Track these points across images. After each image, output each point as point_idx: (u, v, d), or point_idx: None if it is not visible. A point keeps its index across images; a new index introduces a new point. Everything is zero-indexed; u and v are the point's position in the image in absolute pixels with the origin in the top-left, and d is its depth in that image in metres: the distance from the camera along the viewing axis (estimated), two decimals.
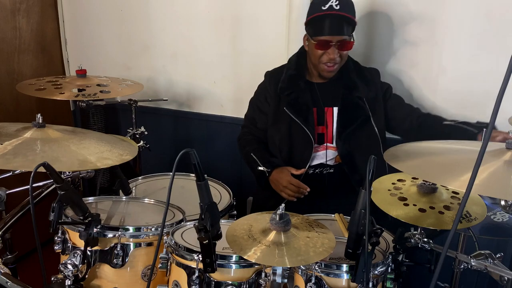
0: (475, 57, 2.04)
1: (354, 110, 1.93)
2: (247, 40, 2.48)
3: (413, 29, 2.13)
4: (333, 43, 1.82)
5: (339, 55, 1.85)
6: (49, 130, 1.42)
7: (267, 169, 1.91)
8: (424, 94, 2.18)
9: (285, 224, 1.23)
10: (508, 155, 1.12)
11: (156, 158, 2.63)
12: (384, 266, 1.28)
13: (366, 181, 1.11)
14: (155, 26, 2.69)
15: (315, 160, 1.97)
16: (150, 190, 1.90)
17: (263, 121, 2.05)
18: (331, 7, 1.79)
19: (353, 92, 1.93)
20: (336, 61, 1.85)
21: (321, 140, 1.95)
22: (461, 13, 2.01)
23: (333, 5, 1.78)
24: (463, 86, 2.09)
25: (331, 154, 1.96)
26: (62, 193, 1.26)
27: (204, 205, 1.15)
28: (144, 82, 2.44)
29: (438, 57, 2.11)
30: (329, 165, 1.97)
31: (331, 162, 1.97)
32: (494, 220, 1.56)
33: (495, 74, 1.94)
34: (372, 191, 1.23)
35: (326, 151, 1.95)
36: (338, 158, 1.97)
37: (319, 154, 1.96)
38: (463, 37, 2.04)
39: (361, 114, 1.92)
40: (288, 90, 1.95)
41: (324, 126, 1.95)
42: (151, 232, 1.43)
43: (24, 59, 2.70)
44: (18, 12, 2.63)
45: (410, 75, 2.19)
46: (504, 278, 1.20)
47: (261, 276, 1.28)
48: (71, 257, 1.38)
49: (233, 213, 1.81)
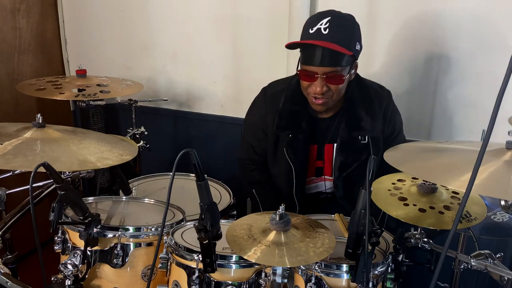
0: (474, 57, 2.04)
1: (355, 150, 1.74)
2: (247, 40, 2.48)
3: (413, 29, 2.13)
4: (318, 75, 1.55)
5: (328, 89, 1.57)
6: (49, 130, 1.42)
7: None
8: (424, 95, 2.18)
9: (285, 224, 1.23)
10: (508, 155, 1.12)
11: (156, 158, 2.62)
12: (384, 266, 1.28)
13: (366, 181, 1.11)
14: (155, 26, 2.69)
15: (314, 189, 1.90)
16: (150, 190, 1.90)
17: (262, 148, 1.87)
18: (318, 31, 1.51)
19: (354, 131, 1.71)
20: (325, 95, 1.59)
21: (319, 173, 1.85)
22: (461, 13, 2.01)
23: (322, 28, 1.51)
24: (463, 86, 2.09)
25: (329, 185, 1.88)
26: (62, 193, 1.26)
27: (204, 205, 1.15)
28: (144, 82, 2.44)
29: (438, 57, 2.11)
30: (327, 192, 1.92)
31: (329, 191, 1.90)
32: (494, 220, 1.56)
33: (495, 74, 1.96)
34: (372, 191, 1.23)
35: (324, 182, 1.88)
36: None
37: (317, 184, 1.90)
38: (463, 37, 2.04)
39: (362, 156, 1.73)
40: (287, 130, 1.73)
41: (322, 161, 1.82)
42: (151, 232, 1.43)
43: (24, 59, 2.70)
44: (18, 12, 2.62)
45: (410, 76, 2.19)
46: (504, 278, 1.20)
47: (261, 276, 1.28)
48: (71, 257, 1.38)
49: (233, 213, 1.81)
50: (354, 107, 1.72)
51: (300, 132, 1.73)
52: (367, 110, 1.71)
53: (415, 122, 2.24)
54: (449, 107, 2.14)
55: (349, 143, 1.73)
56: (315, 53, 1.52)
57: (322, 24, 1.51)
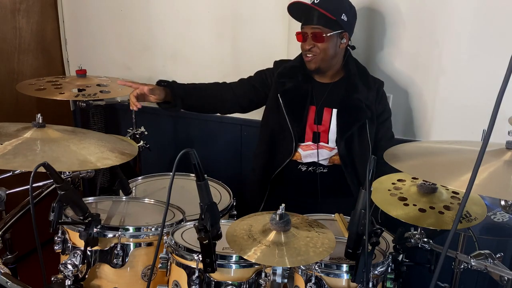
0: (475, 57, 2.04)
1: (354, 112, 1.92)
2: (247, 40, 2.48)
3: (413, 29, 2.13)
4: (307, 35, 1.86)
5: (314, 45, 1.86)
6: (49, 130, 1.42)
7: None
8: (424, 94, 2.18)
9: (285, 224, 1.23)
10: (508, 155, 1.12)
11: (156, 158, 2.62)
12: (384, 266, 1.28)
13: (366, 181, 1.11)
14: (155, 26, 2.68)
15: (308, 158, 1.96)
16: (150, 190, 1.90)
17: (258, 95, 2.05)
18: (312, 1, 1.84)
19: (353, 94, 1.93)
20: (312, 51, 1.87)
21: (315, 139, 1.95)
22: (461, 13, 2.01)
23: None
24: (463, 86, 2.09)
25: (325, 154, 1.95)
26: (62, 193, 1.26)
27: (204, 205, 1.15)
28: (144, 82, 2.43)
29: (438, 57, 2.11)
30: (323, 165, 1.96)
31: (325, 162, 1.96)
32: (494, 220, 1.56)
33: (495, 74, 1.95)
34: (372, 191, 1.23)
35: (318, 150, 1.94)
36: (332, 159, 1.96)
37: (313, 152, 1.96)
38: (463, 37, 2.04)
39: (361, 116, 1.91)
40: (285, 77, 1.97)
41: (320, 126, 1.95)
42: (151, 232, 1.43)
43: (24, 59, 2.70)
44: (18, 12, 2.62)
45: (410, 75, 2.19)
46: (504, 278, 1.20)
47: (261, 276, 1.28)
48: (71, 257, 1.38)
49: (233, 213, 1.81)
50: (351, 77, 1.96)
51: (299, 84, 1.96)
52: (364, 82, 1.96)
53: (415, 122, 2.24)
54: (449, 107, 2.14)
55: (348, 106, 1.93)
56: (308, 16, 1.87)
57: None
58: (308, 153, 1.95)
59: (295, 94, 1.95)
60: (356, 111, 1.92)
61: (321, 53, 1.88)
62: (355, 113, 1.92)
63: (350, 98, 1.93)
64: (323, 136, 1.95)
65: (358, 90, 1.93)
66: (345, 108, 1.93)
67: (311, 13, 1.85)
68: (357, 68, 1.99)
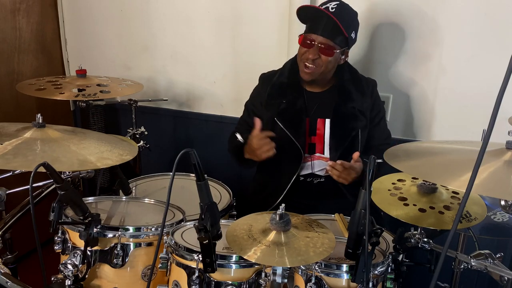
0: (475, 57, 2.04)
1: (348, 121, 1.87)
2: (247, 40, 2.48)
3: (413, 29, 2.13)
4: (315, 43, 1.75)
5: (319, 57, 1.76)
6: (49, 130, 1.42)
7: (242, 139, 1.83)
8: (424, 94, 2.18)
9: (285, 224, 1.23)
10: (508, 155, 1.12)
11: (156, 158, 2.62)
12: (384, 266, 1.28)
13: (366, 181, 1.11)
14: (155, 26, 2.68)
15: (305, 170, 1.92)
16: (150, 190, 1.90)
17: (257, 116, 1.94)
18: (327, 8, 1.73)
19: (347, 103, 1.87)
20: (314, 63, 1.77)
21: (311, 150, 1.91)
22: (461, 13, 2.01)
23: (330, 7, 1.72)
24: (463, 86, 2.09)
25: (322, 165, 1.91)
26: (62, 193, 1.26)
27: (204, 205, 1.15)
28: (144, 82, 2.44)
29: (438, 57, 2.11)
30: (319, 175, 1.93)
31: (321, 173, 1.92)
32: (494, 220, 1.56)
33: (495, 74, 1.95)
34: (372, 191, 1.23)
35: (312, 162, 1.91)
36: None
37: (308, 164, 1.92)
38: (463, 37, 2.04)
39: (356, 126, 1.86)
40: (277, 99, 1.89)
41: (315, 136, 1.89)
42: (151, 232, 1.43)
43: (24, 59, 2.70)
44: (18, 12, 2.62)
45: (409, 75, 2.19)
46: (504, 278, 1.20)
47: (261, 276, 1.28)
48: (71, 257, 1.38)
49: (233, 213, 1.81)
50: (344, 84, 1.90)
51: (292, 99, 1.88)
52: (357, 87, 1.90)
53: (415, 122, 2.24)
54: (449, 107, 2.14)
55: (342, 115, 1.87)
56: (320, 24, 1.74)
57: (331, 4, 1.74)
58: (303, 165, 1.91)
59: (291, 113, 1.88)
60: (350, 120, 1.87)
61: (323, 67, 1.79)
62: (349, 123, 1.87)
63: (344, 107, 1.87)
64: (318, 147, 1.90)
65: (352, 98, 1.87)
66: (338, 117, 1.87)
67: (325, 22, 1.73)
68: (350, 73, 1.93)
